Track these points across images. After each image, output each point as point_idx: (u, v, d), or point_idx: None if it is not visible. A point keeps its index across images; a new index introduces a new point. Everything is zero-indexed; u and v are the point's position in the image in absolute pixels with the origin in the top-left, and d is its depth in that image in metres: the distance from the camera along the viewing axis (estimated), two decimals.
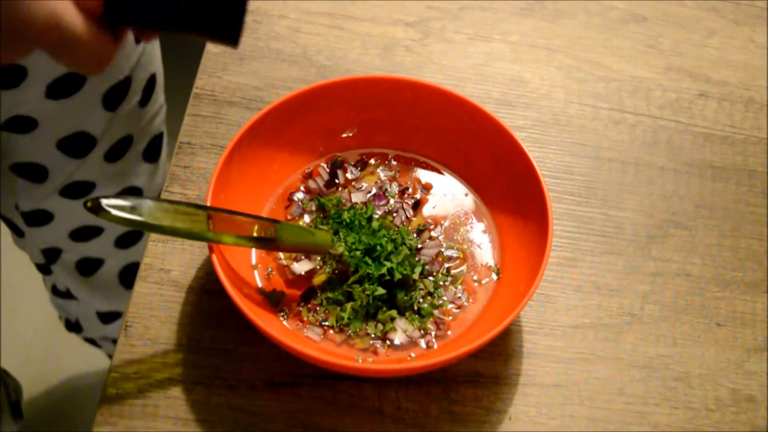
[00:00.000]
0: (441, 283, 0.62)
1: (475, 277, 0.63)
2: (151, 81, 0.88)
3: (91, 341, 1.20)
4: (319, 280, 0.61)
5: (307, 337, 0.59)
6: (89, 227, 0.95)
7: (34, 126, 0.79)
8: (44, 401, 1.43)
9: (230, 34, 0.47)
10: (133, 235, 1.00)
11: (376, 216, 0.64)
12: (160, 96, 0.92)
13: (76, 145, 0.84)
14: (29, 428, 1.13)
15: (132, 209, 0.53)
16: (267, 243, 0.58)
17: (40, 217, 0.92)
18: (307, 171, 0.67)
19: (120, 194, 0.92)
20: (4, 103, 0.75)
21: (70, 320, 1.16)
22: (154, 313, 0.61)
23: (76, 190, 0.89)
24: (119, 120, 0.85)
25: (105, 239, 0.97)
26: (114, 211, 0.52)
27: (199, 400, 0.57)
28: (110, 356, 0.59)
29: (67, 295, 1.07)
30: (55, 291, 1.09)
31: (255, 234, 0.57)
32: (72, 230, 0.94)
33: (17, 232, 0.97)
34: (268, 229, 0.58)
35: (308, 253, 0.62)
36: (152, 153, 0.94)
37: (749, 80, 0.80)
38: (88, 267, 1.00)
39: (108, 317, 1.11)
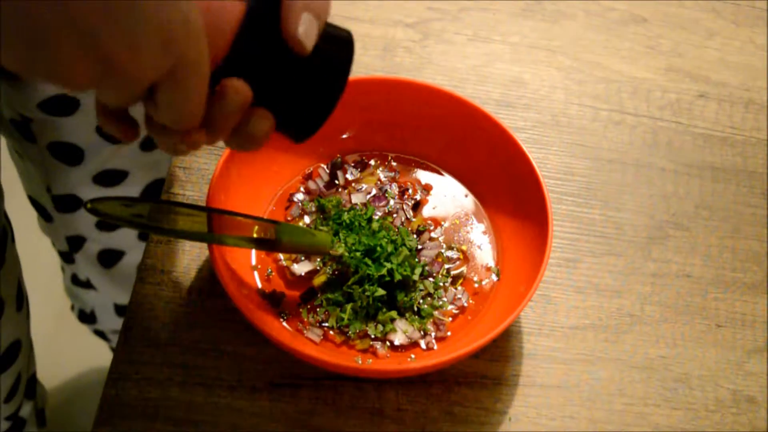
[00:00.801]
0: (441, 284, 0.62)
1: (475, 278, 0.63)
2: None
3: (101, 334, 1.21)
4: (319, 281, 0.61)
5: (308, 338, 0.58)
6: None
7: (76, 107, 0.79)
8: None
9: (300, 138, 0.49)
10: None
11: (376, 217, 0.64)
12: None
13: None
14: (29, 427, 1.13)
15: (132, 210, 0.53)
16: (267, 244, 0.58)
17: (71, 203, 0.92)
18: (306, 172, 0.67)
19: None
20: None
21: (84, 311, 1.16)
22: (155, 314, 0.61)
23: (110, 177, 0.89)
24: None
25: (129, 231, 0.98)
26: (115, 213, 0.52)
27: (200, 402, 0.57)
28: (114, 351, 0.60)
29: (87, 285, 1.08)
30: (75, 280, 1.09)
31: (255, 235, 0.57)
32: (99, 219, 0.95)
33: (46, 217, 0.97)
34: (268, 230, 0.58)
35: (308, 254, 0.62)
36: None
37: (749, 81, 0.80)
38: (109, 258, 1.01)
39: (124, 310, 1.11)
